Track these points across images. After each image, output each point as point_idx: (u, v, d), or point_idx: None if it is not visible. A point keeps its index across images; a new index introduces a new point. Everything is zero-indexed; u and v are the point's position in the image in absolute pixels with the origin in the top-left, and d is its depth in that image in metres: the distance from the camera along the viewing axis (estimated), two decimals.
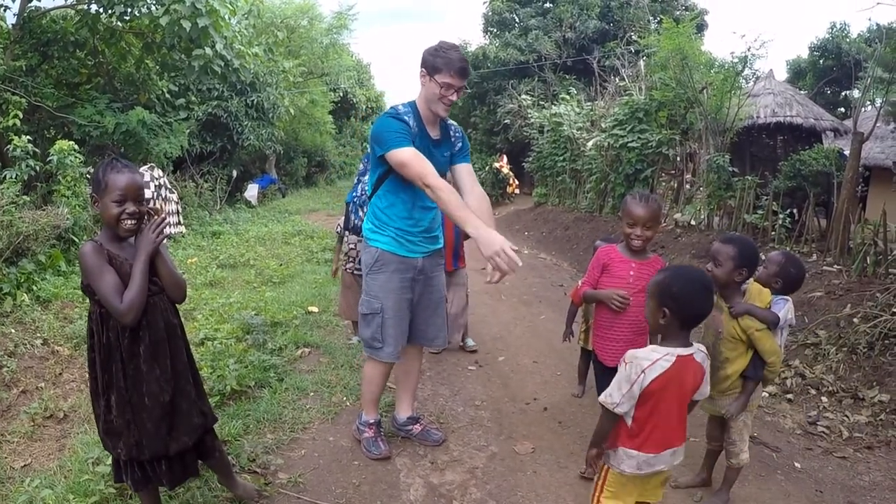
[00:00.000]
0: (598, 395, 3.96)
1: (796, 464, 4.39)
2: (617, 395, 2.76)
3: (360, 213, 4.45)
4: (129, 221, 2.84)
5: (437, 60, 3.80)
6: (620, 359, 3.02)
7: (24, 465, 4.16)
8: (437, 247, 4.26)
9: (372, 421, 4.43)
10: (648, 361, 2.71)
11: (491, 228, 3.50)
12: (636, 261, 3.87)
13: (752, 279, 3.60)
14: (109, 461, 3.64)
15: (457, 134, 4.22)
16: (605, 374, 4.02)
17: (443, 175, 4.03)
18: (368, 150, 4.27)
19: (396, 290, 4.06)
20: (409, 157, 3.66)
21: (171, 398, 3.03)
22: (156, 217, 2.94)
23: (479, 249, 3.44)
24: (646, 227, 3.78)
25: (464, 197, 4.00)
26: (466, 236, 5.87)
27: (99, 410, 2.94)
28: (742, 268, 3.42)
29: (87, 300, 2.96)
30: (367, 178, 4.48)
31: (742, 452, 3.69)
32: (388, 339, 4.09)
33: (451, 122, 4.19)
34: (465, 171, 4.19)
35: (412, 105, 3.99)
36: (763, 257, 4.00)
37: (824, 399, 5.40)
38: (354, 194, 5.43)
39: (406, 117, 3.87)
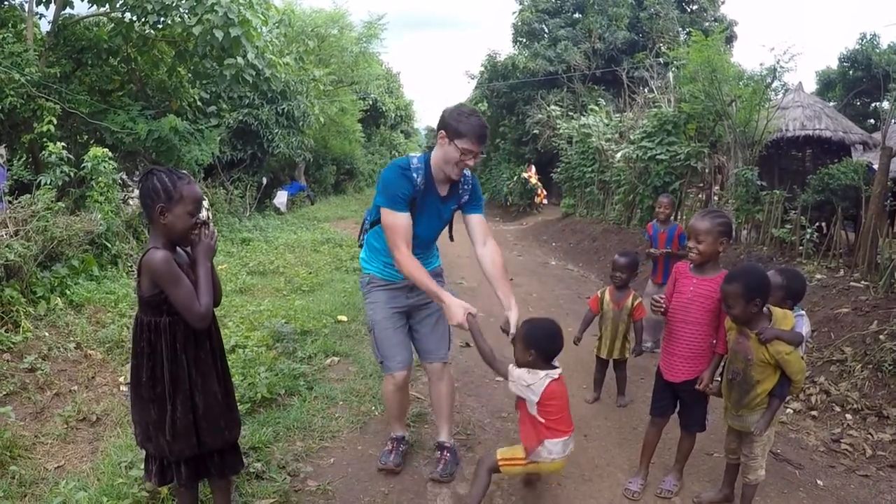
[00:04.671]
0: (651, 405, 4.19)
1: (819, 481, 4.39)
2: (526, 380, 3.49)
3: None
4: (195, 231, 2.96)
5: (460, 126, 3.75)
6: (674, 373, 3.88)
7: (58, 467, 4.23)
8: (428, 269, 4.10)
9: (394, 436, 4.48)
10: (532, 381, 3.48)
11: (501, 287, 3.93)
12: (698, 277, 3.88)
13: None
14: (143, 465, 3.73)
15: (465, 186, 4.14)
16: (660, 387, 4.07)
17: (447, 223, 4.24)
18: None
19: (383, 301, 4.15)
20: (393, 225, 3.80)
21: (225, 393, 3.17)
22: (205, 225, 3.04)
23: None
24: (697, 240, 3.81)
25: (476, 248, 4.11)
26: (678, 258, 6.15)
27: (161, 416, 2.97)
28: (753, 300, 3.43)
29: (137, 308, 3.01)
30: None
31: (760, 468, 3.72)
32: (385, 351, 4.13)
33: (465, 171, 4.05)
34: (476, 222, 4.16)
35: (426, 160, 3.96)
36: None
37: (848, 416, 5.38)
38: None
39: (415, 174, 3.88)
